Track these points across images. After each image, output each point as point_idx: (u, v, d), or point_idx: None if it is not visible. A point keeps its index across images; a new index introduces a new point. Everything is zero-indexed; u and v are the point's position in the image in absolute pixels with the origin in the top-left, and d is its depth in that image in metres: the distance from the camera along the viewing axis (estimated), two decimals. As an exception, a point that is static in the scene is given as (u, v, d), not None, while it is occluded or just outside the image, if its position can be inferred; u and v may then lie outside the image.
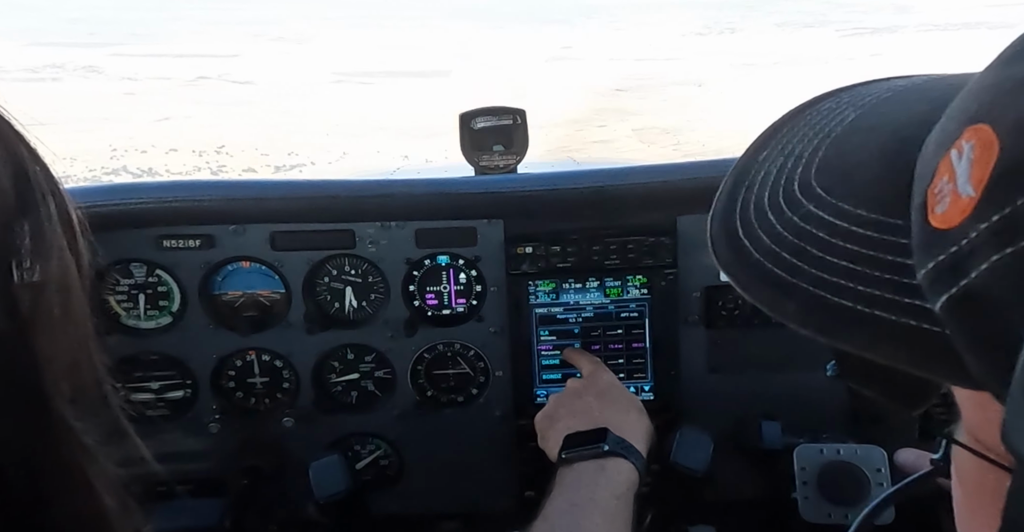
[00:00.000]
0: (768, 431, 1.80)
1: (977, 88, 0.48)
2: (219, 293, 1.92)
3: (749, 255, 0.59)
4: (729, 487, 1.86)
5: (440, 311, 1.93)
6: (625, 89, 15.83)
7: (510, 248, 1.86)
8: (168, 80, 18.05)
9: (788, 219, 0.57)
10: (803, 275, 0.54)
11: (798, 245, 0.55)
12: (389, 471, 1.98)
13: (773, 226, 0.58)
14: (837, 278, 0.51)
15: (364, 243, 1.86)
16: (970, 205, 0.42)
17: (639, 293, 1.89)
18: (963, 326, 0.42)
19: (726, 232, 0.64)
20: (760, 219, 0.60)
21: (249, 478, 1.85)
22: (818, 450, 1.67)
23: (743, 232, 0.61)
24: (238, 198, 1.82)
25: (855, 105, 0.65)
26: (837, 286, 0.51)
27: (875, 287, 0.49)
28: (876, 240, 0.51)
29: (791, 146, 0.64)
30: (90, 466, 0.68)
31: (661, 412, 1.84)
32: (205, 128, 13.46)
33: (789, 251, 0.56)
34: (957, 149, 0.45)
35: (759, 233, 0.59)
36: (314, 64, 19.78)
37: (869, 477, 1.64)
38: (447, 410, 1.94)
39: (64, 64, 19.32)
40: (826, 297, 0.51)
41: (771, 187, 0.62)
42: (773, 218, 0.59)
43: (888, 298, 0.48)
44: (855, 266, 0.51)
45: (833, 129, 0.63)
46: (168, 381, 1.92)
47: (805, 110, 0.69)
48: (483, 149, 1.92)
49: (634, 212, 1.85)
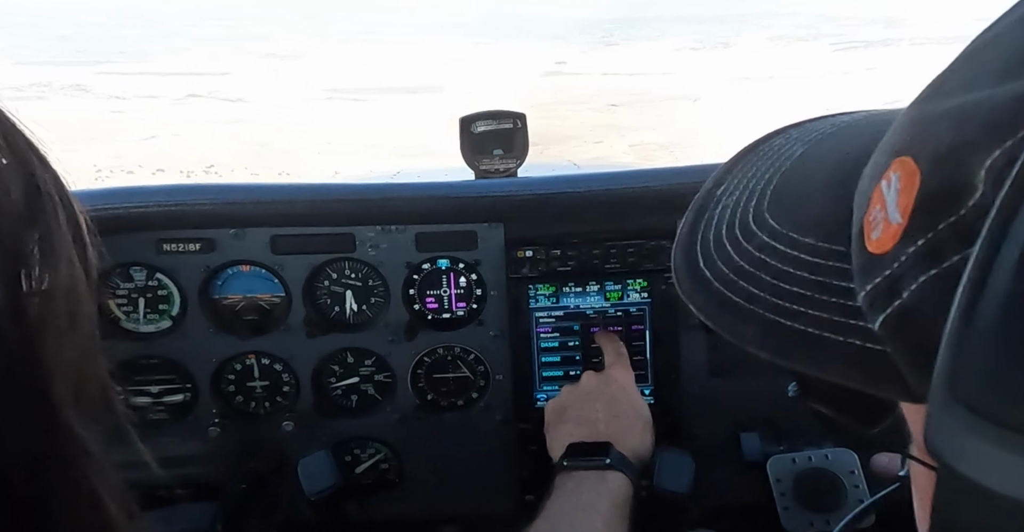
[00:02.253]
0: (747, 443, 1.83)
1: (902, 123, 0.51)
2: (219, 297, 1.92)
3: (709, 284, 0.62)
4: (724, 495, 1.87)
5: (440, 315, 1.93)
6: (620, 104, 15.69)
7: (510, 252, 1.86)
8: (156, 98, 17.76)
9: (744, 249, 0.61)
10: (759, 302, 0.57)
11: (754, 274, 0.59)
12: (389, 475, 1.98)
13: (731, 257, 0.62)
14: (790, 303, 0.55)
15: (364, 247, 1.86)
16: (899, 231, 0.46)
17: (639, 297, 1.89)
18: (900, 343, 0.46)
19: (688, 264, 0.67)
20: (719, 250, 0.64)
21: (248, 482, 1.85)
22: (790, 459, 1.72)
23: (704, 263, 0.65)
24: (238, 202, 1.82)
25: (802, 140, 0.71)
26: (791, 311, 0.55)
27: (824, 311, 0.53)
28: (823, 266, 0.55)
29: (746, 180, 0.69)
30: (95, 475, 0.67)
31: (662, 416, 1.85)
32: (194, 147, 13.23)
33: (746, 280, 0.59)
34: (886, 179, 0.49)
35: (719, 264, 0.63)
36: (305, 81, 19.56)
37: (844, 481, 1.67)
38: (447, 414, 1.94)
39: (51, 82, 19.02)
40: (781, 322, 0.55)
41: (728, 220, 0.66)
42: (731, 249, 0.63)
43: (836, 320, 0.52)
44: (805, 292, 0.55)
45: (783, 163, 0.68)
46: (168, 385, 1.93)
47: (759, 146, 0.75)
48: (483, 153, 1.95)
49: (634, 216, 1.85)
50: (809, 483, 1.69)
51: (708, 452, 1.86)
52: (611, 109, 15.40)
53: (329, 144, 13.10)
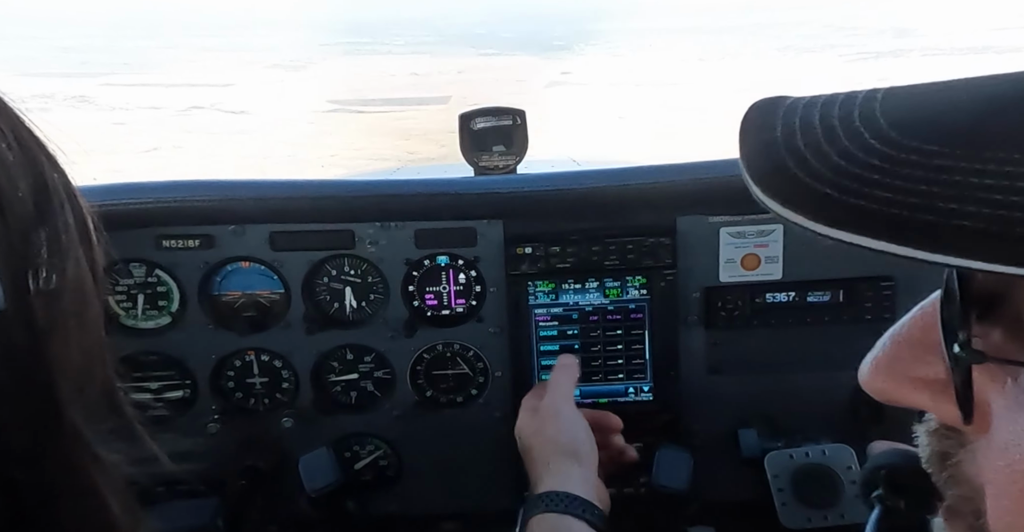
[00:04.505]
0: (745, 439, 1.83)
1: None
2: (218, 293, 1.92)
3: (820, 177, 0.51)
4: (724, 491, 1.87)
5: (440, 311, 1.93)
6: (628, 117, 15.53)
7: (510, 248, 1.86)
8: (159, 110, 17.72)
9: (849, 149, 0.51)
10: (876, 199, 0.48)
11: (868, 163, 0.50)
12: (388, 471, 1.99)
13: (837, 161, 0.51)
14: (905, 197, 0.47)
15: (364, 243, 1.87)
16: None
17: (638, 294, 1.89)
18: None
19: (775, 167, 0.54)
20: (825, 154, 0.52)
21: (248, 478, 1.85)
22: (787, 456, 1.71)
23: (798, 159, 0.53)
24: (238, 198, 1.82)
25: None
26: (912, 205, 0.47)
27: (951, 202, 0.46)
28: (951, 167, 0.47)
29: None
30: (100, 475, 0.67)
31: (660, 413, 1.88)
32: (195, 160, 13.16)
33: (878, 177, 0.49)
34: None
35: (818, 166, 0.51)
36: (309, 92, 19.51)
37: (841, 476, 1.67)
38: (446, 410, 1.95)
39: (54, 94, 18.96)
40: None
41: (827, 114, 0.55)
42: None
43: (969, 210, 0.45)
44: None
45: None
46: (167, 381, 1.93)
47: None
48: (483, 149, 1.94)
49: (634, 212, 1.85)
50: (807, 479, 1.69)
51: (706, 449, 1.86)
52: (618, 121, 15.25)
53: (333, 157, 12.99)
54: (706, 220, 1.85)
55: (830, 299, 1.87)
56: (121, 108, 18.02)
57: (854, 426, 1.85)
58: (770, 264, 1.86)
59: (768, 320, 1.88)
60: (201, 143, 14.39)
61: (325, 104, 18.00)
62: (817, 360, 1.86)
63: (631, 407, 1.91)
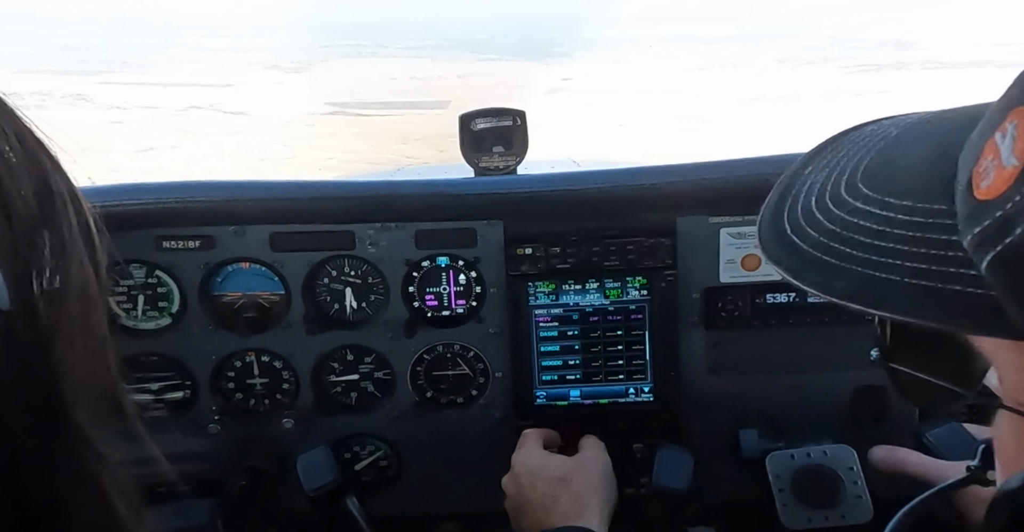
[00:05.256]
0: (746, 440, 1.83)
1: (1016, 84, 0.55)
2: (219, 294, 1.92)
3: (797, 247, 0.67)
4: (724, 492, 1.88)
5: (440, 312, 1.93)
6: (627, 125, 15.50)
7: (510, 249, 1.86)
8: (157, 109, 17.66)
9: (836, 216, 0.66)
10: (851, 259, 0.62)
11: (845, 235, 0.64)
12: (388, 472, 1.99)
13: (820, 222, 0.67)
14: (885, 258, 0.59)
15: (364, 244, 1.87)
16: (1013, 174, 0.49)
17: (639, 294, 1.89)
18: (1007, 280, 0.49)
19: (775, 233, 0.71)
20: (808, 218, 0.69)
21: (249, 479, 1.86)
22: (788, 456, 1.72)
23: (791, 231, 0.69)
24: (238, 199, 1.82)
25: (898, 125, 0.75)
26: (885, 265, 0.59)
27: (922, 262, 0.57)
28: (921, 223, 0.58)
29: (835, 161, 0.74)
30: (105, 474, 0.68)
31: (660, 414, 1.88)
32: (191, 160, 13.12)
33: (837, 241, 0.64)
34: (1001, 131, 0.52)
35: (807, 230, 0.67)
36: (308, 94, 19.45)
37: (842, 477, 1.67)
38: (447, 411, 1.95)
39: (51, 92, 18.92)
40: (875, 275, 0.59)
41: (817, 193, 0.71)
42: (820, 216, 0.68)
43: (935, 270, 0.55)
44: (902, 247, 0.58)
45: (876, 144, 0.73)
46: (168, 382, 1.93)
47: (848, 133, 0.80)
48: (483, 150, 1.95)
49: (634, 213, 1.86)
50: (808, 479, 1.69)
51: (706, 449, 1.86)
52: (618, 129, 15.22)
53: (331, 160, 12.95)
54: (706, 221, 1.86)
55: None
56: (118, 107, 17.98)
57: (854, 427, 1.86)
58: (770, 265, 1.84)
59: (768, 321, 1.88)
60: (198, 143, 14.34)
61: (324, 106, 17.97)
62: (817, 361, 1.87)
63: (631, 408, 1.91)
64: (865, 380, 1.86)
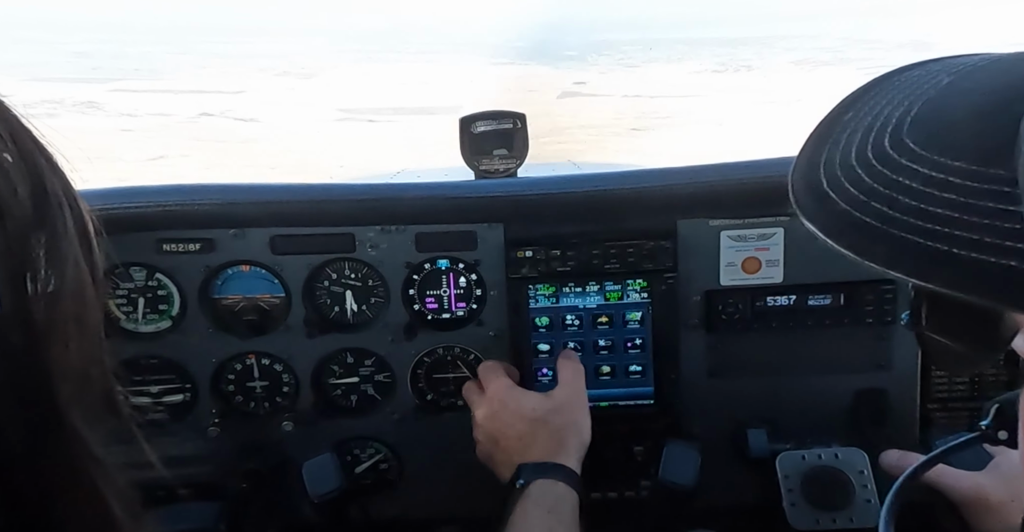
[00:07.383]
0: (754, 439, 1.82)
1: None
2: (219, 297, 1.92)
3: (835, 205, 0.62)
4: (725, 494, 1.87)
5: (440, 315, 1.93)
6: (642, 129, 15.38)
7: (510, 252, 1.85)
8: (168, 117, 17.59)
9: (878, 172, 0.60)
10: (895, 223, 0.57)
11: (889, 195, 0.58)
12: (388, 475, 1.99)
13: (861, 179, 0.61)
14: (932, 224, 0.54)
15: (364, 247, 1.87)
16: None
17: (639, 297, 1.89)
18: None
19: (808, 185, 0.66)
20: (847, 173, 0.63)
21: (248, 482, 1.85)
22: (800, 457, 1.71)
23: (828, 184, 0.64)
24: (238, 202, 1.83)
25: (948, 71, 0.69)
26: (932, 232, 0.54)
27: (974, 232, 0.52)
28: (975, 189, 0.54)
29: (879, 108, 0.67)
30: (101, 476, 0.67)
31: (661, 416, 1.89)
32: (202, 168, 13.07)
33: (879, 201, 0.59)
34: None
35: (846, 185, 0.62)
36: (319, 101, 19.38)
37: (852, 480, 1.67)
38: (447, 414, 1.95)
39: (63, 99, 18.90)
40: (920, 242, 0.54)
41: (858, 144, 0.65)
42: (861, 172, 0.62)
43: (988, 242, 0.51)
44: (952, 213, 0.53)
45: (926, 92, 0.66)
46: (167, 385, 1.93)
47: (893, 76, 0.74)
48: (483, 153, 1.95)
49: (634, 216, 1.85)
50: (818, 480, 1.68)
51: (707, 452, 1.84)
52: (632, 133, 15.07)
53: (341, 167, 12.83)
54: (707, 223, 1.85)
55: (831, 302, 1.85)
56: (129, 114, 17.93)
57: (855, 429, 1.86)
58: (771, 267, 1.85)
59: (769, 323, 1.87)
60: (209, 151, 14.25)
61: (335, 112, 17.92)
62: (818, 363, 1.87)
63: (632, 410, 1.91)
64: (866, 383, 1.86)
